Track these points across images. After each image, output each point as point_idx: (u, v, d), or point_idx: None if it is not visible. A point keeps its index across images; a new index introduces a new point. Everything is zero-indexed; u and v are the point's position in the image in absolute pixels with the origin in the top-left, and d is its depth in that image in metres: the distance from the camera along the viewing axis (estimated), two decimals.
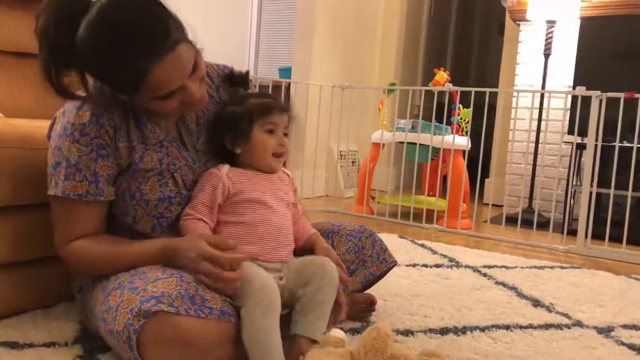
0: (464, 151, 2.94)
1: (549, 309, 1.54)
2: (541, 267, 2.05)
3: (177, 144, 1.09)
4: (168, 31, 0.93)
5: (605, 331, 1.39)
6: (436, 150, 3.02)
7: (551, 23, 3.16)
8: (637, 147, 2.46)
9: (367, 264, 1.33)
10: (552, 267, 2.07)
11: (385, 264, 1.36)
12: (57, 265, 1.26)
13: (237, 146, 1.10)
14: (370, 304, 1.31)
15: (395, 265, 1.39)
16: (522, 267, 2.03)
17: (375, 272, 1.34)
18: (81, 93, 1.01)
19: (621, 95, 2.46)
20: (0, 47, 1.72)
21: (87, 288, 1.06)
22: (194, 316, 0.86)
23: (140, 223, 1.04)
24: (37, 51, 1.53)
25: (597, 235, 2.51)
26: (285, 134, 1.12)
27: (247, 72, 1.20)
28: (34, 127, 1.32)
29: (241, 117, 1.09)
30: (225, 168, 1.10)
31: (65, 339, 1.04)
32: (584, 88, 2.55)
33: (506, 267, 2.00)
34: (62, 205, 1.02)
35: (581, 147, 2.87)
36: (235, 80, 1.20)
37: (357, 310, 1.28)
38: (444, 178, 3.07)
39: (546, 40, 3.20)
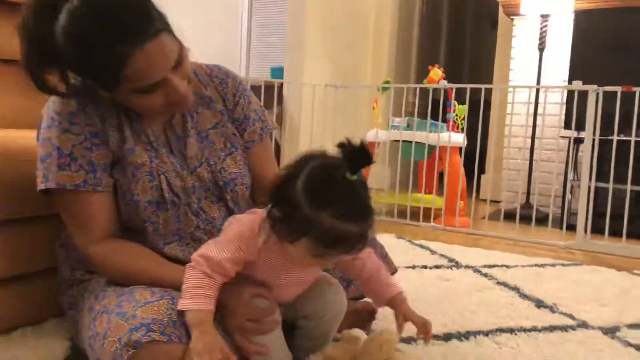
0: (460, 148, 2.91)
1: (552, 309, 1.51)
2: (542, 265, 2.02)
3: (165, 149, 1.04)
4: (150, 19, 0.89)
5: (611, 332, 1.36)
6: (432, 148, 2.98)
7: (545, 17, 3.14)
8: (635, 141, 2.44)
9: None
10: (553, 265, 2.04)
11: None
12: (46, 280, 1.22)
13: (283, 235, 0.85)
14: (371, 312, 1.27)
15: (395, 272, 1.35)
16: (522, 266, 2.00)
17: None
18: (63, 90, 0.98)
19: (618, 88, 2.43)
20: None
21: (77, 305, 1.02)
22: (186, 344, 0.82)
23: (130, 224, 1.00)
24: (13, 57, 1.51)
25: (597, 230, 2.49)
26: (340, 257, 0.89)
27: (364, 146, 0.83)
28: (13, 137, 1.28)
29: (304, 221, 0.80)
30: (262, 237, 0.87)
31: (55, 358, 1.00)
32: (581, 82, 2.53)
33: (507, 267, 1.97)
34: (62, 199, 0.98)
35: (578, 141, 2.84)
36: (353, 154, 0.82)
37: (357, 319, 1.24)
38: (441, 175, 3.04)
39: (540, 34, 3.17)
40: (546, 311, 1.49)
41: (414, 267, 1.88)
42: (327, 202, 0.80)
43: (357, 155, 0.81)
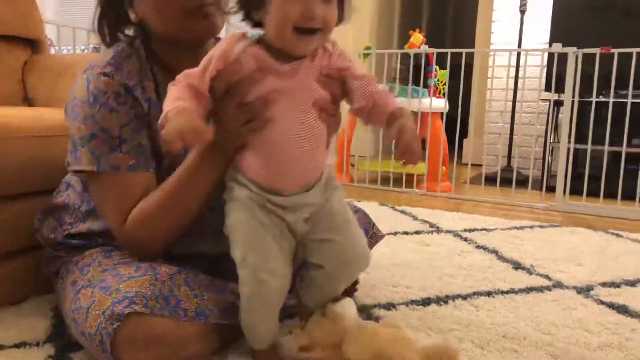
0: (441, 113, 2.91)
1: (529, 271, 1.54)
2: (521, 228, 2.06)
3: None
4: None
5: (585, 291, 1.40)
6: (414, 114, 2.98)
7: None
8: (613, 102, 2.46)
9: None
10: (531, 227, 2.08)
11: (375, 238, 1.34)
12: (26, 257, 1.22)
13: (254, 6, 0.79)
14: (353, 283, 1.29)
15: (382, 237, 1.36)
16: (501, 229, 2.03)
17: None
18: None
19: (597, 50, 2.43)
20: None
21: (62, 274, 1.01)
22: (167, 317, 0.83)
23: None
24: None
25: (576, 191, 2.54)
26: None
27: None
28: None
29: None
30: (243, 42, 0.81)
31: (37, 338, 1.00)
32: (560, 45, 2.52)
33: (486, 230, 2.01)
34: (111, 181, 0.92)
35: (558, 104, 2.86)
36: None
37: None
38: (423, 141, 3.05)
39: None
40: (523, 273, 1.53)
41: (395, 233, 1.91)
42: None
43: None
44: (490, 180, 2.90)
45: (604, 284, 1.45)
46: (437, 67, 2.97)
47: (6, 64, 1.73)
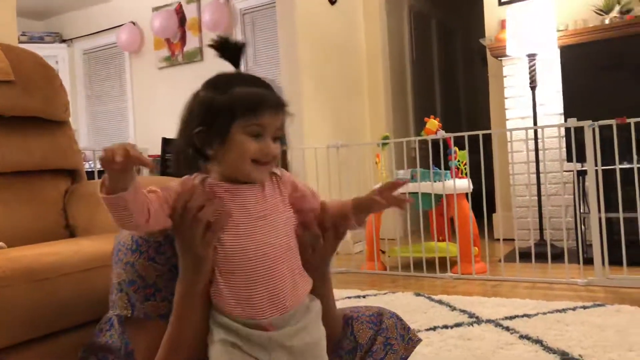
0: (466, 193, 2.93)
1: None
2: (563, 310, 2.00)
3: None
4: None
5: None
6: (439, 197, 3.01)
7: (532, 56, 3.21)
8: (638, 167, 2.45)
9: (395, 347, 1.28)
10: (574, 309, 2.02)
11: (411, 344, 1.32)
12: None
13: (209, 145, 0.86)
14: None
15: (419, 342, 1.34)
16: (543, 313, 1.98)
17: (405, 354, 1.29)
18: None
19: (613, 122, 2.46)
20: None
21: None
22: None
23: None
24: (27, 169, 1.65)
25: (615, 261, 2.47)
26: (277, 138, 0.88)
27: (244, 44, 0.93)
28: (38, 255, 1.33)
29: (220, 109, 0.84)
30: (199, 177, 0.88)
31: None
32: (575, 119, 2.56)
33: (528, 316, 1.96)
34: (143, 328, 0.97)
35: (583, 173, 2.86)
36: (225, 47, 0.91)
37: None
38: (451, 220, 3.05)
39: (530, 73, 3.24)
40: None
41: (434, 328, 1.87)
42: (231, 84, 0.86)
43: (227, 47, 0.90)
44: (525, 256, 2.85)
45: None
46: (456, 148, 3.03)
47: (49, 196, 1.84)
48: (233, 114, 0.84)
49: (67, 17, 6.02)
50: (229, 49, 0.90)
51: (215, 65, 0.96)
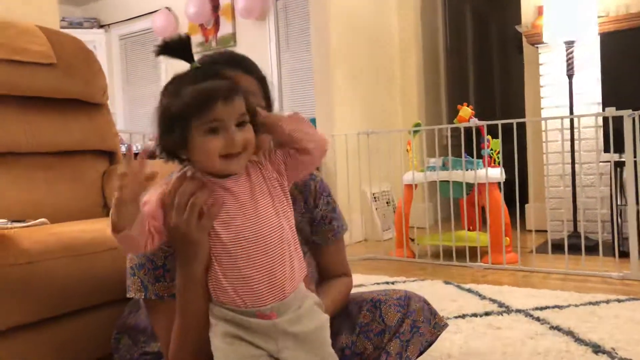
0: (499, 183, 2.89)
1: (611, 355, 1.47)
2: (596, 303, 1.97)
3: None
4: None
5: None
6: (470, 185, 2.97)
7: (570, 43, 3.12)
8: None
9: (421, 330, 1.28)
10: (607, 302, 1.98)
11: (438, 328, 1.32)
12: None
13: (178, 150, 0.86)
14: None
15: (446, 327, 1.35)
16: (576, 305, 1.95)
17: (430, 338, 1.29)
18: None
19: None
20: (38, 149, 1.81)
21: None
22: None
23: None
24: (66, 149, 1.70)
25: None
26: (242, 123, 0.84)
27: (188, 37, 0.89)
28: (78, 231, 1.38)
29: (174, 115, 0.82)
30: (180, 171, 0.88)
31: None
32: (614, 108, 2.49)
33: (559, 307, 1.93)
34: (158, 309, 0.99)
35: (620, 164, 2.78)
36: (170, 48, 0.87)
37: None
38: (483, 210, 3.02)
39: (567, 61, 3.15)
40: (605, 358, 1.45)
41: (463, 316, 1.87)
42: (180, 85, 0.84)
43: (171, 47, 0.87)
44: (557, 247, 2.80)
45: None
46: (489, 136, 2.99)
47: (88, 176, 1.90)
48: (186, 116, 0.82)
49: (105, 3, 6.13)
50: (175, 49, 0.87)
51: (249, 51, 0.98)
